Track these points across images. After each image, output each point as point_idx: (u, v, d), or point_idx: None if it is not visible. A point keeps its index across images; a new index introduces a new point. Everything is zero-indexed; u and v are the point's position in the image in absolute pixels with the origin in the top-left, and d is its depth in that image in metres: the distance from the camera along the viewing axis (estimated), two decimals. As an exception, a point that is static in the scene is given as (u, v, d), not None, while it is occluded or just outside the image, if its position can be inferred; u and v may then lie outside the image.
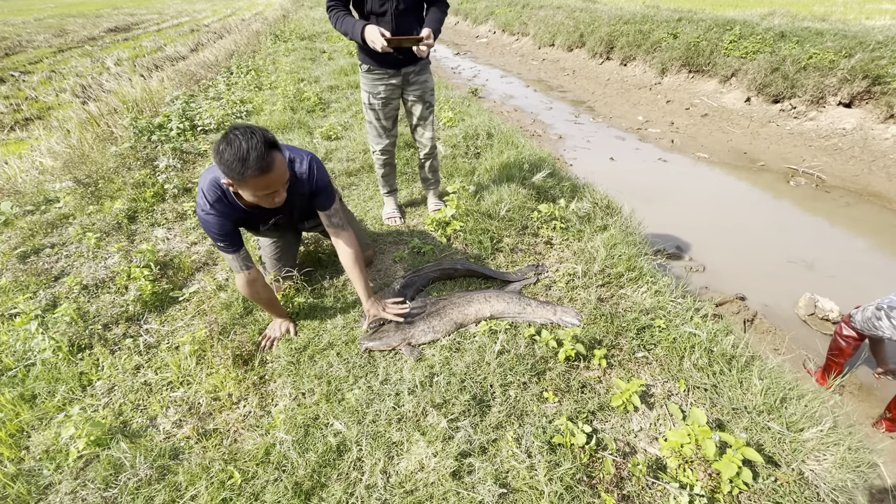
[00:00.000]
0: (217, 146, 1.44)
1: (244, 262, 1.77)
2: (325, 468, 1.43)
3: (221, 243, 1.69)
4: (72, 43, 13.40)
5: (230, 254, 1.73)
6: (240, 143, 1.40)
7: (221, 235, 1.67)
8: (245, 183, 1.47)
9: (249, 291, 1.84)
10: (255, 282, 1.82)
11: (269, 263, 2.20)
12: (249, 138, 1.41)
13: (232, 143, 1.40)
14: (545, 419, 1.56)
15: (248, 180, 1.45)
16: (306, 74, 6.87)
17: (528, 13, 12.67)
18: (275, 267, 2.19)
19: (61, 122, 5.45)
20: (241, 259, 1.75)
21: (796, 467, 1.40)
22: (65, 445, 1.56)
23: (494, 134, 4.10)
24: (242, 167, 1.41)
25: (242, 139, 1.40)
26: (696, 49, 7.69)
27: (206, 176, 1.67)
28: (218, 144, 1.44)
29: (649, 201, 4.40)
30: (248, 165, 1.41)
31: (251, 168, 1.41)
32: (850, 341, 2.28)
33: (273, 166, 1.47)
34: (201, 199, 1.65)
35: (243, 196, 1.59)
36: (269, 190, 1.52)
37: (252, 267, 1.81)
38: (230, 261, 1.76)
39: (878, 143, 5.40)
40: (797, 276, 3.45)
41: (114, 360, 1.92)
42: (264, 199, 1.56)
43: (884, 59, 5.61)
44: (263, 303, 1.92)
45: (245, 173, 1.42)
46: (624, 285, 2.22)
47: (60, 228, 2.99)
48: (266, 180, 1.47)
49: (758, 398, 1.59)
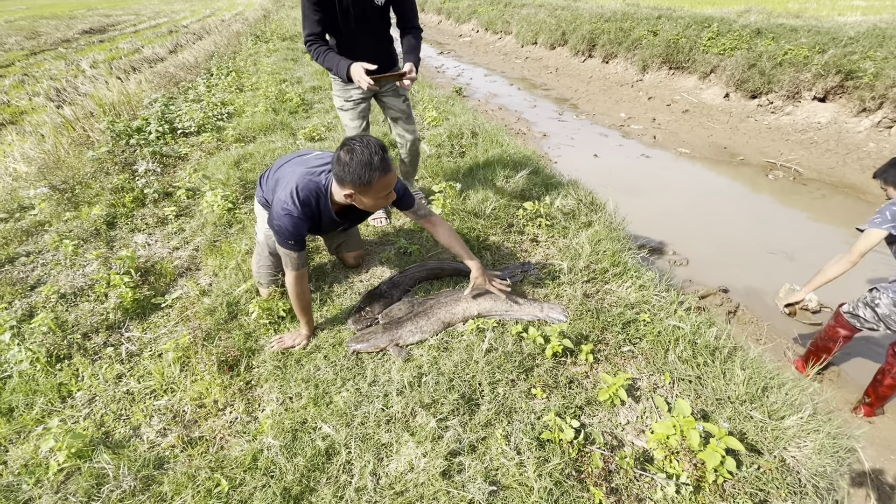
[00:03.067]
0: (338, 157, 1.61)
1: (303, 262, 1.81)
2: (314, 472, 1.42)
3: (292, 241, 1.74)
4: (45, 45, 13.04)
5: (296, 252, 1.77)
6: (362, 151, 1.57)
7: (297, 236, 1.74)
8: (370, 187, 1.61)
9: (298, 289, 1.84)
10: (305, 279, 1.86)
11: (264, 273, 2.15)
12: (367, 146, 1.58)
13: (355, 153, 1.58)
14: (534, 415, 1.57)
15: (374, 183, 1.60)
16: (288, 75, 6.79)
17: (511, 11, 12.72)
18: (267, 276, 2.16)
19: (35, 126, 5.30)
20: (302, 258, 1.80)
21: (778, 454, 1.44)
22: (44, 459, 1.51)
23: (479, 133, 4.11)
24: (370, 171, 1.57)
25: (362, 147, 1.58)
26: (676, 46, 7.81)
27: (299, 174, 1.76)
28: (339, 156, 1.60)
29: (633, 197, 4.46)
30: (375, 168, 1.57)
31: (377, 170, 1.58)
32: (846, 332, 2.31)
33: (391, 167, 1.64)
34: (289, 201, 1.71)
35: (365, 202, 1.71)
36: (389, 189, 1.67)
37: (306, 265, 1.87)
38: (293, 258, 1.78)
39: (851, 136, 5.56)
40: (777, 267, 3.53)
41: (94, 369, 1.88)
42: (384, 199, 1.71)
43: (855, 55, 5.77)
44: (303, 304, 1.88)
45: (373, 177, 1.58)
46: (609, 280, 2.25)
47: (36, 236, 2.91)
48: (388, 179, 1.63)
49: (740, 388, 1.62)
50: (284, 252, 1.77)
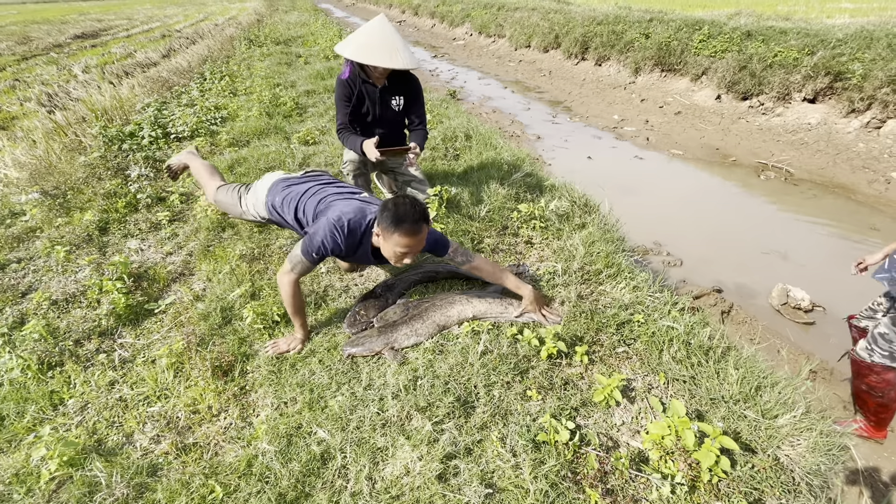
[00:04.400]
0: (386, 205, 1.76)
1: (308, 271, 1.88)
2: (310, 477, 1.41)
3: (316, 256, 1.82)
4: (36, 50, 12.96)
5: (311, 263, 1.84)
6: (405, 208, 1.72)
7: (324, 253, 1.82)
8: (391, 237, 1.72)
9: (293, 290, 1.86)
10: (299, 284, 1.90)
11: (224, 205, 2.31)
12: (411, 207, 1.73)
13: (399, 206, 1.73)
14: (529, 417, 1.57)
15: (395, 234, 1.70)
16: (282, 79, 6.79)
17: (504, 15, 12.79)
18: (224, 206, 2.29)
19: (27, 131, 5.25)
20: (310, 269, 1.87)
21: (772, 453, 1.45)
22: (36, 467, 1.50)
23: (473, 135, 4.12)
24: (399, 222, 1.69)
25: (407, 206, 1.73)
26: (668, 49, 7.87)
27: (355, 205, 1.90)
28: (387, 204, 1.76)
29: (627, 198, 4.48)
30: (404, 220, 1.70)
31: (405, 224, 1.69)
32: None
33: (417, 235, 1.73)
34: (339, 218, 1.83)
35: (384, 246, 1.79)
36: (405, 250, 1.75)
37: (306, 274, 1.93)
38: (304, 265, 1.84)
39: (841, 136, 5.62)
40: (770, 267, 3.56)
41: (86, 376, 1.86)
42: (397, 257, 1.79)
43: (844, 56, 5.84)
44: (297, 307, 1.90)
45: (399, 228, 1.69)
46: (603, 282, 2.26)
47: (27, 242, 2.89)
48: (407, 241, 1.72)
49: (734, 387, 1.63)
50: (300, 258, 1.81)
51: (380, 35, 2.36)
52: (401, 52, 2.34)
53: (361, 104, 2.59)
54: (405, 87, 2.62)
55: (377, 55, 2.30)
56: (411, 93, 2.65)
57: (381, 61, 2.30)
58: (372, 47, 2.33)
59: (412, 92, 2.65)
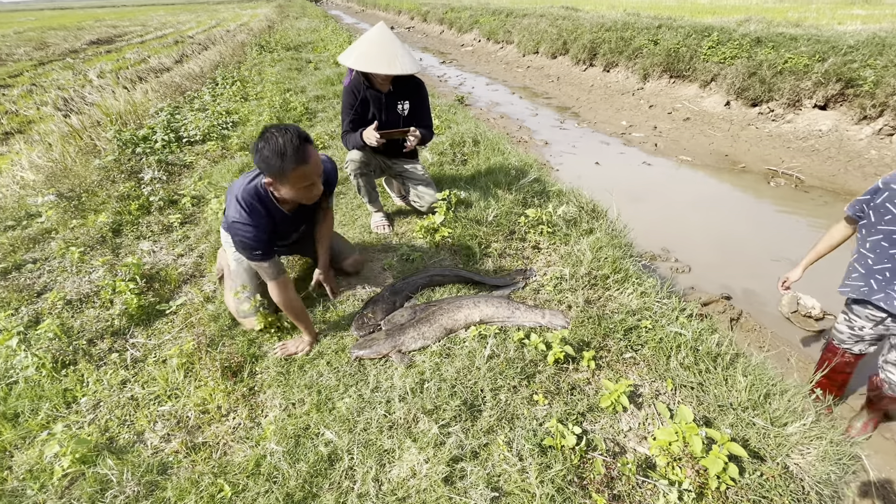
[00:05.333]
0: (255, 146, 1.55)
1: (279, 269, 1.78)
2: (317, 478, 1.42)
3: (258, 251, 1.70)
4: (53, 56, 13.24)
5: (266, 261, 1.73)
6: (277, 139, 1.51)
7: (257, 243, 1.69)
8: (286, 177, 1.56)
9: (284, 298, 1.79)
10: (289, 286, 1.82)
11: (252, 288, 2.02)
12: (284, 133, 1.53)
13: (269, 140, 1.52)
14: (536, 422, 1.57)
15: (288, 174, 1.54)
16: (292, 84, 6.87)
17: (512, 21, 12.86)
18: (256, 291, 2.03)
19: (43, 135, 5.37)
20: (275, 265, 1.76)
21: (781, 461, 1.43)
22: (49, 464, 1.53)
23: (481, 141, 4.14)
24: (282, 161, 1.51)
25: (278, 135, 1.52)
26: (677, 55, 7.87)
27: (238, 185, 1.73)
28: (256, 144, 1.55)
29: (635, 204, 4.47)
30: (287, 158, 1.51)
31: (290, 160, 1.52)
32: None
33: (309, 158, 1.58)
34: (235, 209, 1.68)
35: (283, 193, 1.65)
36: (307, 181, 1.61)
37: (285, 273, 1.82)
38: (265, 269, 1.75)
39: (853, 143, 5.57)
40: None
41: (99, 375, 1.89)
42: (304, 191, 1.64)
43: (856, 63, 5.80)
44: (296, 312, 1.85)
45: (285, 167, 1.52)
46: (610, 287, 2.26)
47: (43, 243, 2.94)
48: (304, 171, 1.57)
49: (742, 394, 1.62)
50: (256, 265, 1.74)
51: (379, 43, 2.42)
52: (400, 58, 2.39)
53: (367, 111, 2.63)
54: (410, 91, 2.67)
55: (377, 63, 2.36)
56: (417, 97, 2.69)
57: (381, 68, 2.36)
58: (371, 56, 2.39)
59: (418, 97, 2.69)
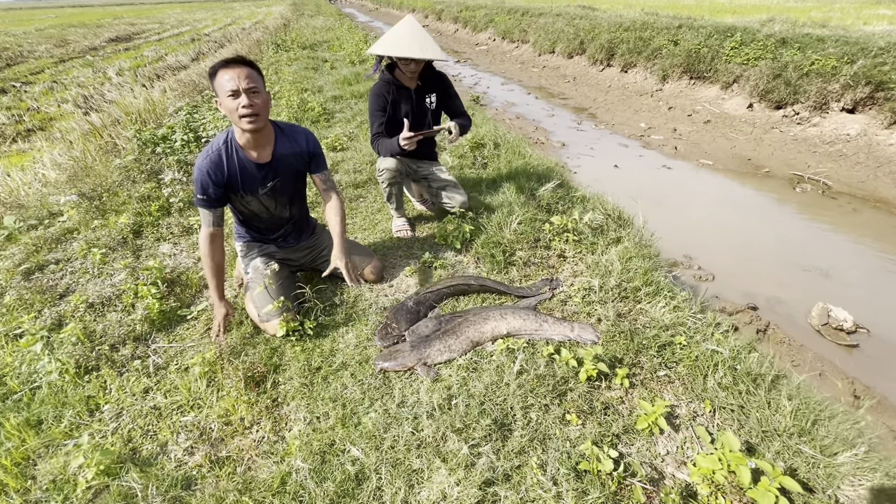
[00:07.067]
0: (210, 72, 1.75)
1: (217, 221, 1.94)
2: (344, 498, 1.38)
3: (202, 196, 1.87)
4: (73, 53, 13.43)
5: (207, 209, 1.90)
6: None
7: (202, 187, 1.86)
8: (214, 81, 1.72)
9: (208, 248, 1.94)
10: (216, 239, 1.97)
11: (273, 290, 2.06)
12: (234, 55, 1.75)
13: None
14: (569, 443, 1.51)
15: (214, 80, 1.71)
16: (309, 84, 6.86)
17: (528, 20, 12.73)
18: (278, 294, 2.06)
19: (64, 133, 5.42)
20: (214, 217, 1.93)
21: (832, 493, 1.36)
22: (73, 475, 1.50)
23: (501, 143, 4.08)
24: (214, 71, 1.70)
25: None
26: (697, 56, 7.71)
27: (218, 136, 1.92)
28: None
29: (655, 208, 4.36)
30: (224, 60, 1.71)
31: (223, 61, 1.70)
32: None
33: (236, 67, 1.70)
34: (203, 152, 1.86)
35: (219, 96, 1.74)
36: (230, 87, 1.69)
37: (220, 228, 1.97)
38: (205, 215, 1.91)
39: (882, 148, 5.39)
40: (810, 285, 3.41)
41: (122, 382, 1.87)
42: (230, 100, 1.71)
43: (886, 65, 5.62)
44: (214, 266, 1.96)
45: (217, 66, 1.70)
46: (641, 300, 2.18)
47: (65, 244, 2.95)
48: (235, 70, 1.70)
49: (787, 420, 1.55)
50: (199, 210, 1.90)
51: (410, 32, 2.48)
52: (430, 45, 2.46)
53: (397, 111, 2.65)
54: (435, 84, 2.72)
55: (408, 48, 2.42)
56: (442, 89, 2.74)
57: (413, 53, 2.40)
58: (403, 44, 2.44)
59: (443, 88, 2.74)
